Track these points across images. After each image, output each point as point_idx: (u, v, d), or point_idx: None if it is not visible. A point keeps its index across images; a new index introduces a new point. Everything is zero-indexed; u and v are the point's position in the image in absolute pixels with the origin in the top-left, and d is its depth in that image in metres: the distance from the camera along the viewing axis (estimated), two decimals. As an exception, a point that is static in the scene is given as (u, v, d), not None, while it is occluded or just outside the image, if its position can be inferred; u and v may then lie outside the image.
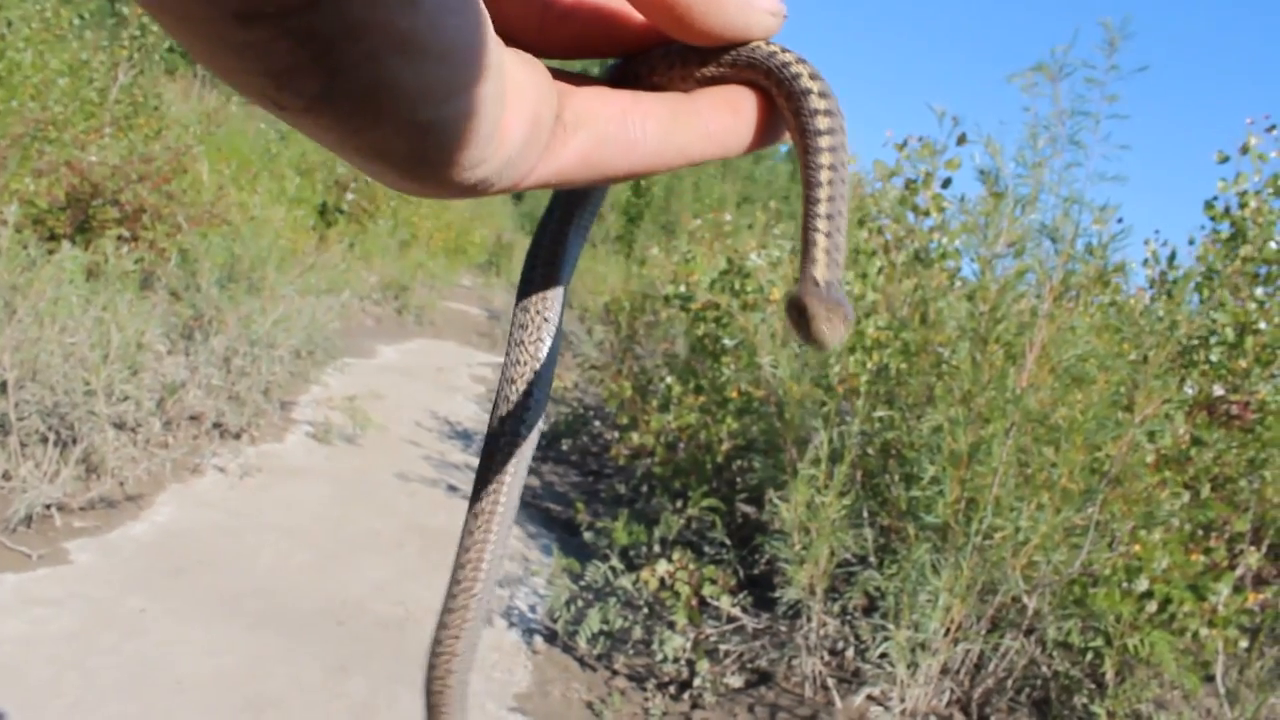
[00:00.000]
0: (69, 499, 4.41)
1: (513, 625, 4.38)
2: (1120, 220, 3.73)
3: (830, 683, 3.85)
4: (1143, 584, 3.51)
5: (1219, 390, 4.30)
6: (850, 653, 4.03)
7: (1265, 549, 4.25)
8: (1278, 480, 4.14)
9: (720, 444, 5.35)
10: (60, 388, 4.59)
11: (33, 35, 8.03)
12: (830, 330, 0.37)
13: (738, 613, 4.12)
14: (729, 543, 4.49)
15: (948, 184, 4.63)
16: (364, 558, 4.78)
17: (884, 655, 3.62)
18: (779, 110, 0.40)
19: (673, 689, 3.98)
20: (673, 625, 4.07)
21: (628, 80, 0.40)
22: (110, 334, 4.81)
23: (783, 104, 0.40)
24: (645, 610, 4.26)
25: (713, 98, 0.39)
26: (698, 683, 3.89)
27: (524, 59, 0.34)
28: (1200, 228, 5.09)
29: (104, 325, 4.87)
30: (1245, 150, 4.84)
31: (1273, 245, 4.64)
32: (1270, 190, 4.76)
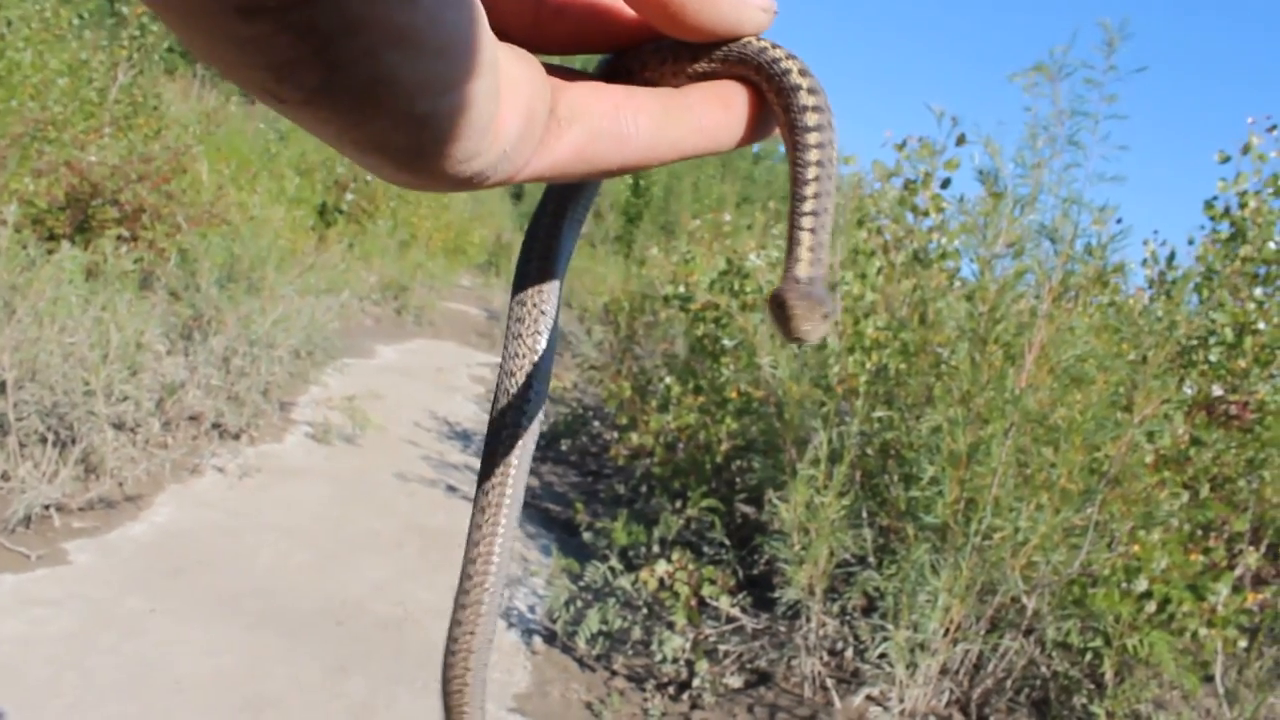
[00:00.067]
0: (68, 499, 4.41)
1: (512, 626, 4.38)
2: (1119, 221, 3.73)
3: (829, 683, 3.85)
4: (1142, 584, 3.51)
5: (1218, 390, 4.31)
6: (849, 653, 4.03)
7: (1264, 549, 4.25)
8: (1277, 480, 4.14)
9: (719, 444, 5.35)
10: (59, 388, 4.60)
11: (32, 35, 8.03)
12: (811, 327, 0.37)
13: (737, 613, 4.12)
14: (728, 543, 4.50)
15: (947, 184, 4.63)
16: (363, 558, 4.79)
17: (883, 655, 3.62)
18: (769, 105, 0.40)
19: (672, 689, 3.98)
20: (672, 625, 4.07)
21: (620, 76, 0.41)
22: (109, 334, 4.81)
23: (773, 99, 0.40)
24: (644, 610, 4.26)
25: (704, 93, 0.39)
26: (697, 683, 3.89)
27: (519, 54, 0.34)
28: (1200, 228, 5.10)
29: (103, 325, 4.88)
30: (1247, 150, 4.85)
31: (1272, 245, 4.65)
32: (1270, 190, 4.76)
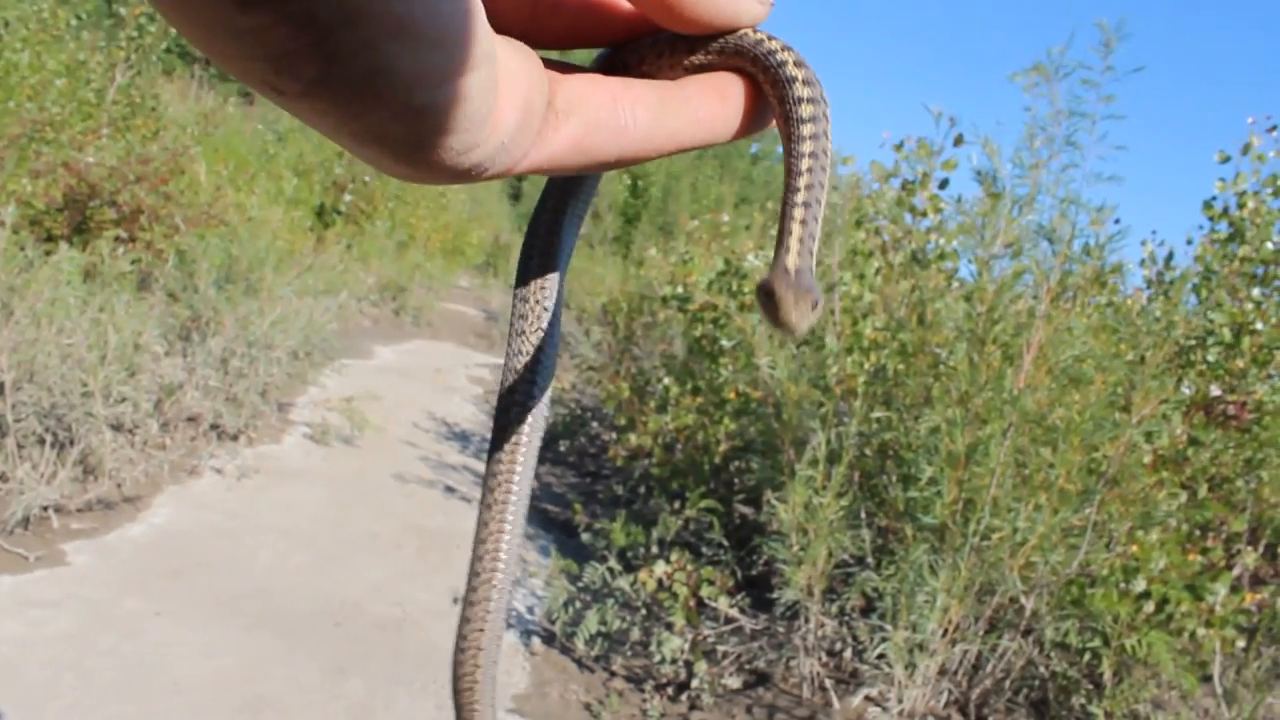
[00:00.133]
0: (66, 501, 4.41)
1: (510, 626, 4.38)
2: (1117, 221, 3.74)
3: (828, 684, 3.85)
4: (1140, 584, 3.51)
5: (1216, 390, 4.31)
6: (848, 654, 4.03)
7: (1262, 549, 4.26)
8: (1275, 480, 4.14)
9: (718, 445, 5.35)
10: (57, 389, 4.59)
11: (30, 36, 8.02)
12: (798, 316, 0.37)
13: (736, 614, 4.12)
14: (727, 544, 4.50)
15: (945, 185, 4.63)
16: (362, 559, 4.78)
17: (882, 656, 3.62)
18: (765, 97, 0.40)
19: (671, 690, 3.98)
20: (671, 626, 4.07)
21: (617, 69, 0.41)
22: (108, 335, 4.80)
23: (768, 91, 0.40)
24: (643, 611, 4.26)
25: (701, 84, 0.39)
26: (696, 684, 3.89)
27: (516, 47, 0.34)
28: (1199, 228, 5.11)
29: (101, 326, 4.87)
30: (1247, 150, 4.85)
31: (1270, 245, 4.65)
32: (1269, 190, 4.77)
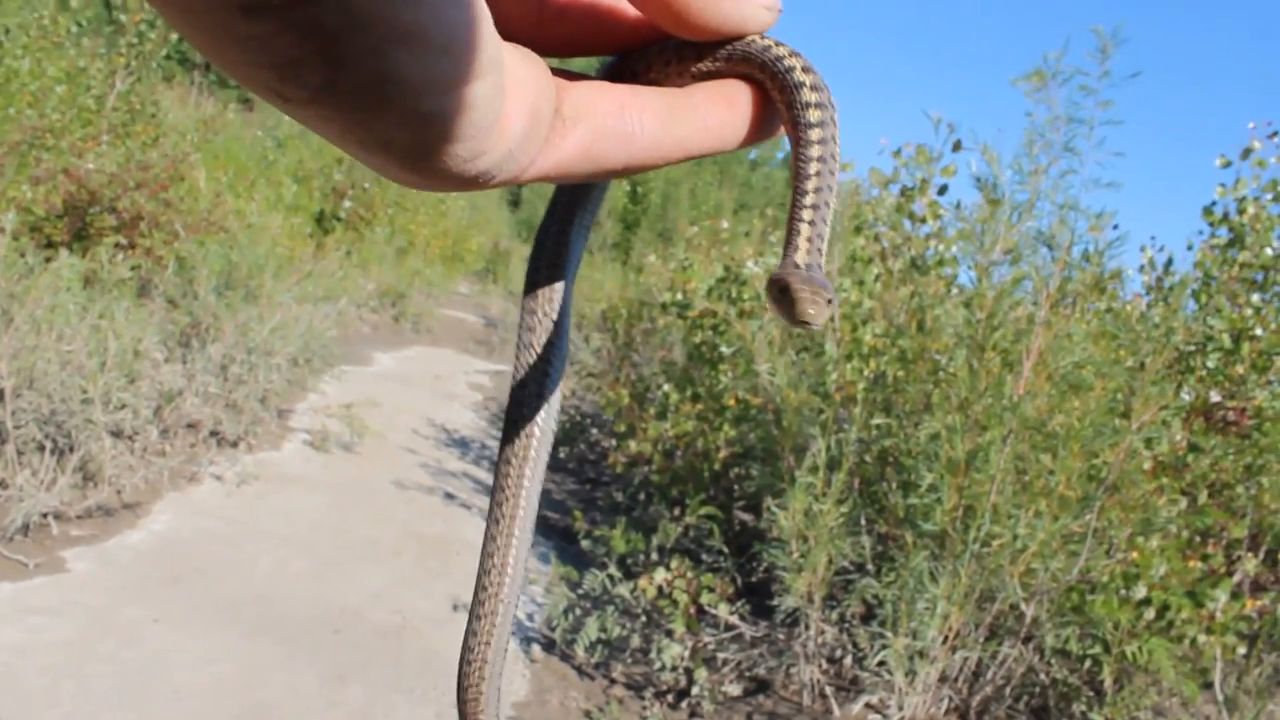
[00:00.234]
0: (66, 507, 4.40)
1: (511, 633, 4.37)
2: (1116, 227, 3.74)
3: (828, 691, 3.84)
4: (1141, 591, 3.50)
5: (1216, 396, 4.31)
6: (848, 660, 4.03)
7: (1263, 555, 4.25)
8: (1275, 486, 4.14)
9: (718, 452, 5.34)
10: (57, 396, 4.59)
11: (30, 43, 8.03)
12: (816, 310, 0.37)
13: (736, 621, 4.11)
14: (727, 551, 4.49)
15: (944, 191, 4.64)
16: (361, 566, 4.77)
17: (882, 663, 3.61)
18: (773, 104, 0.40)
19: (671, 697, 3.97)
20: (671, 633, 4.06)
21: (624, 77, 0.41)
22: (107, 342, 4.80)
23: (776, 97, 0.40)
24: (643, 618, 4.26)
25: (709, 92, 0.39)
26: (696, 691, 3.88)
27: (523, 54, 0.34)
28: (1198, 233, 5.11)
29: (101, 333, 4.87)
30: (1247, 154, 4.86)
31: (1269, 251, 4.66)
32: (1270, 196, 4.77)
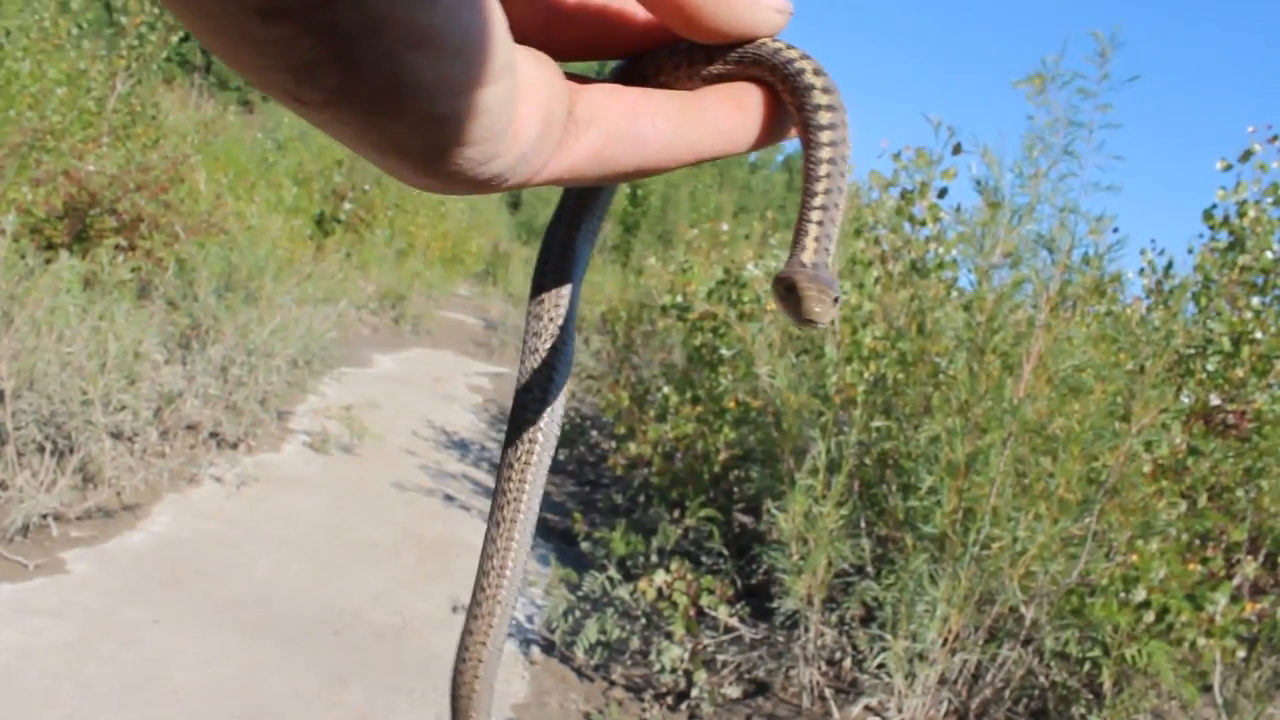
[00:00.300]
0: (66, 509, 4.40)
1: (510, 635, 4.37)
2: (1116, 230, 3.74)
3: (828, 693, 3.84)
4: (1140, 594, 3.50)
5: (1215, 400, 4.31)
6: (848, 663, 4.03)
7: (1262, 558, 4.25)
8: (1274, 489, 4.14)
9: (718, 454, 5.34)
10: (57, 397, 4.59)
11: (31, 45, 8.03)
12: (822, 309, 0.37)
13: (735, 623, 4.11)
14: (726, 553, 4.49)
15: (944, 194, 4.64)
16: (361, 567, 4.77)
17: (881, 665, 3.61)
18: (784, 106, 0.41)
19: (670, 699, 3.97)
20: (670, 635, 4.06)
21: (634, 80, 0.41)
22: (107, 343, 4.80)
23: (787, 100, 0.40)
24: (643, 620, 4.26)
25: (720, 95, 0.39)
26: (695, 693, 3.88)
27: (536, 56, 0.34)
28: (1199, 236, 5.12)
29: (101, 334, 4.87)
30: (1247, 156, 4.86)
31: (1269, 254, 4.66)
32: (1270, 199, 4.77)
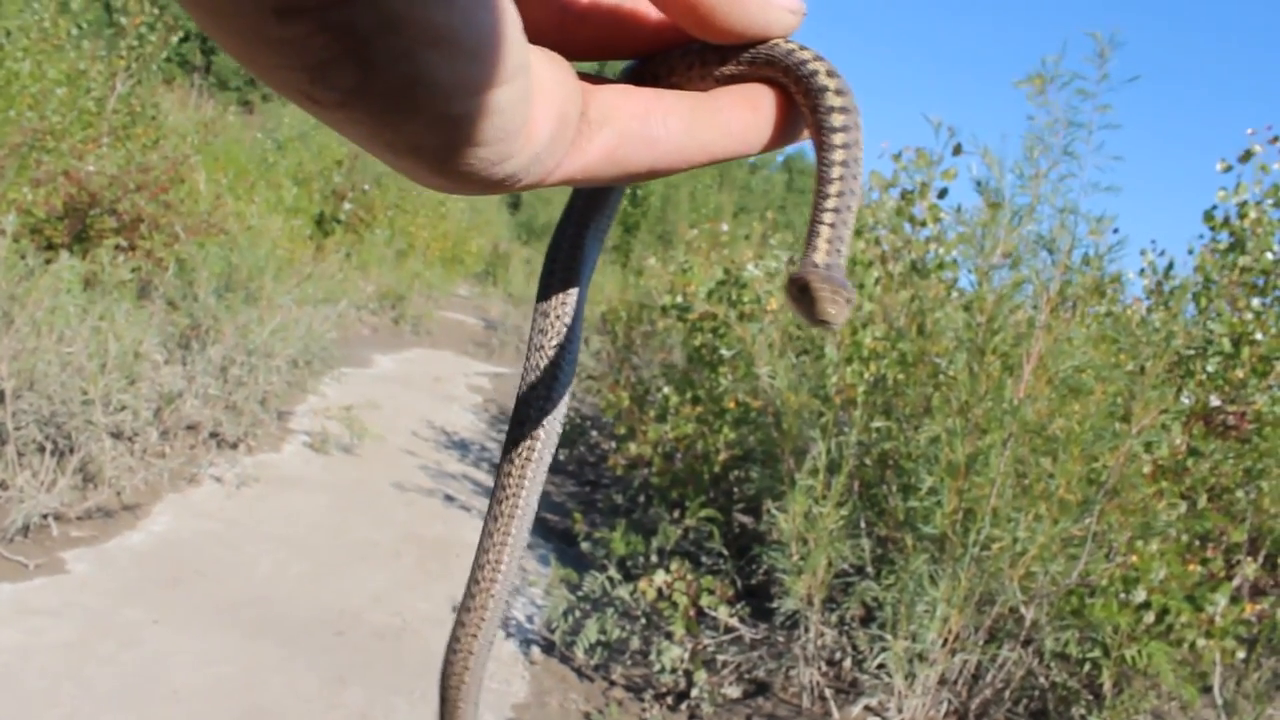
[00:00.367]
0: (66, 509, 4.40)
1: (510, 635, 4.37)
2: (1117, 231, 3.74)
3: (828, 693, 3.84)
4: (1140, 595, 3.51)
5: (1216, 401, 4.31)
6: (848, 663, 4.03)
7: (1262, 559, 4.26)
8: (1274, 490, 4.15)
9: (718, 454, 5.34)
10: (58, 397, 4.59)
11: (31, 45, 8.03)
12: (836, 310, 0.37)
13: (735, 623, 4.11)
14: (726, 553, 4.49)
15: (944, 194, 4.64)
16: (361, 568, 4.77)
17: (881, 666, 3.61)
18: (797, 107, 0.40)
19: (670, 700, 3.97)
20: (670, 635, 4.06)
21: (646, 81, 0.41)
22: (108, 343, 4.80)
23: (800, 100, 0.40)
24: (643, 620, 4.26)
25: (732, 95, 0.39)
26: (695, 693, 3.88)
27: (550, 57, 0.34)
28: (1199, 237, 5.12)
29: (101, 335, 4.87)
30: (1247, 157, 4.86)
31: (1270, 256, 4.66)
32: (1270, 201, 4.77)
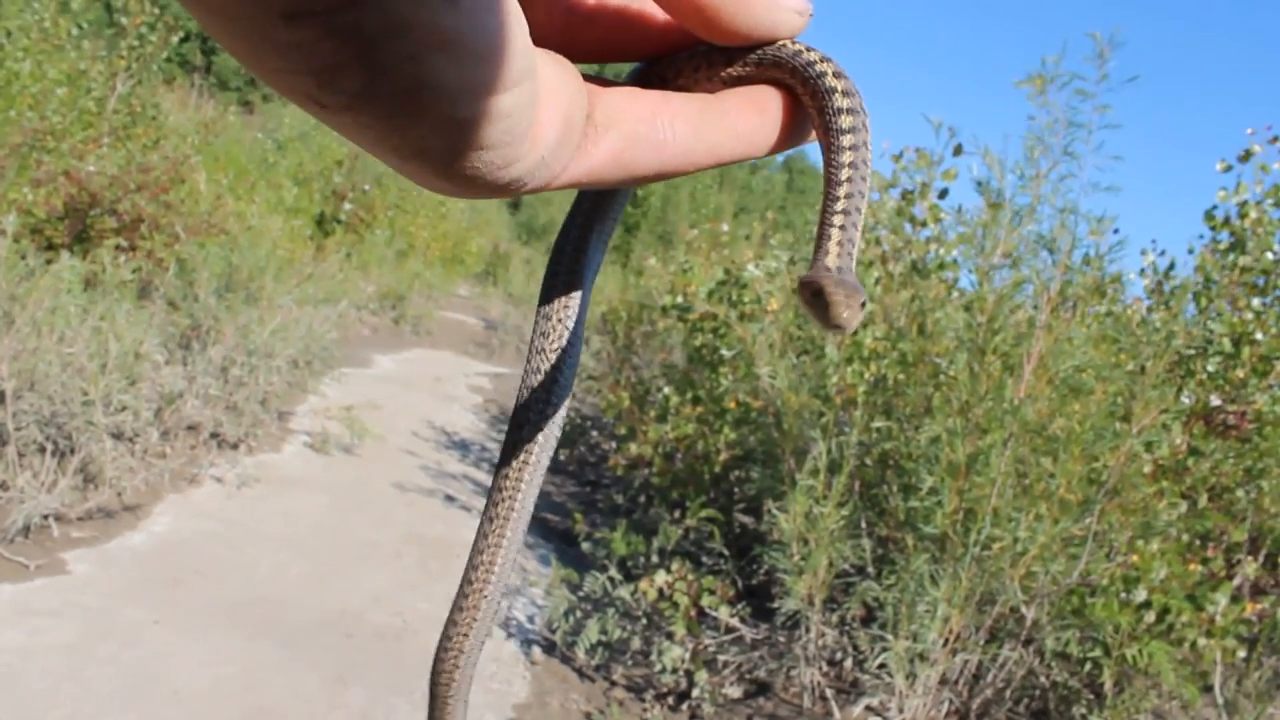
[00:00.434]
0: (67, 509, 4.40)
1: (511, 636, 4.37)
2: (1117, 231, 3.74)
3: (829, 693, 3.84)
4: (1141, 594, 3.51)
5: (1216, 400, 4.31)
6: (849, 663, 4.03)
7: (1262, 559, 4.26)
8: (1275, 490, 4.15)
9: (718, 454, 5.34)
10: (58, 398, 4.59)
11: (31, 45, 8.03)
12: (850, 314, 0.37)
13: (736, 623, 4.11)
14: (727, 553, 4.49)
15: (944, 195, 4.64)
16: (362, 568, 4.77)
17: (882, 666, 3.61)
18: (805, 109, 0.40)
19: (671, 700, 3.97)
20: (671, 636, 4.06)
21: (653, 83, 0.41)
22: (108, 344, 4.80)
23: (808, 102, 0.40)
24: (644, 621, 4.26)
25: (739, 97, 0.39)
26: (696, 693, 3.88)
27: (556, 60, 0.34)
28: (1199, 237, 5.12)
29: (102, 335, 4.87)
30: (1247, 157, 4.86)
31: (1270, 255, 4.66)
32: (1271, 201, 4.77)
